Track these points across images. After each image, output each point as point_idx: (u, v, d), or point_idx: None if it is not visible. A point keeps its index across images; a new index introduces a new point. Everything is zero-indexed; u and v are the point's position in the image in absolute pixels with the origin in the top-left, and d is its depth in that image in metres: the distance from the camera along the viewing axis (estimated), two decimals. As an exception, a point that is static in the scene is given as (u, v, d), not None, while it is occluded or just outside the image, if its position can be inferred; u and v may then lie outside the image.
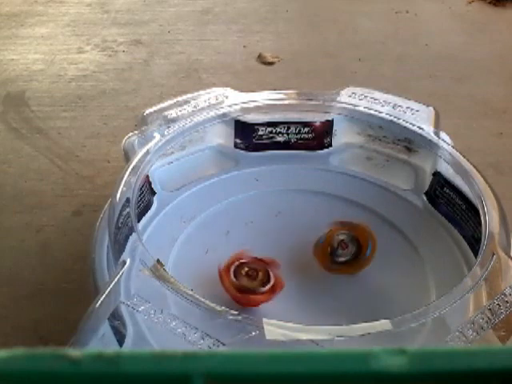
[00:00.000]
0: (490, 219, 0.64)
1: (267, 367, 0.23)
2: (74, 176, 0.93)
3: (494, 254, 0.59)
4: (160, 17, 1.37)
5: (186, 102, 0.78)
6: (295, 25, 1.35)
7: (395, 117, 0.78)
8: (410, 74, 1.19)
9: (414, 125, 0.77)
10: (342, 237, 0.70)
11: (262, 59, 1.22)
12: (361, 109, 0.80)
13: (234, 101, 0.79)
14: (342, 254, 0.70)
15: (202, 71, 1.19)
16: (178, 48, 1.26)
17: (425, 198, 0.78)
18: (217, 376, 0.23)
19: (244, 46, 1.26)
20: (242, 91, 0.83)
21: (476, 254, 0.64)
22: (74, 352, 0.22)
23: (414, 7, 1.41)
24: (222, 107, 0.78)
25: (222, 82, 1.10)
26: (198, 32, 1.32)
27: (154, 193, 0.75)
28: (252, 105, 0.80)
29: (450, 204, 0.75)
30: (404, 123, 0.78)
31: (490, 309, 0.54)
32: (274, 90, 0.86)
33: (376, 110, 0.79)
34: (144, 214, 0.73)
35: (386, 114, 0.79)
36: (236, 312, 0.53)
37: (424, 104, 0.81)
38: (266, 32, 1.32)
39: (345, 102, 0.80)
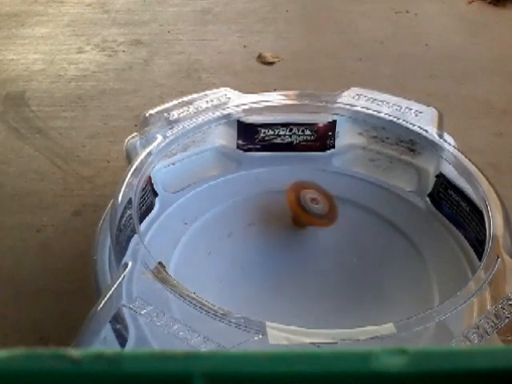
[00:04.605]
0: (494, 222, 0.63)
1: (267, 367, 0.23)
2: (74, 176, 0.93)
3: (498, 257, 0.59)
4: (160, 17, 1.37)
5: (188, 103, 0.78)
6: (295, 25, 1.35)
7: (398, 118, 0.78)
8: (410, 73, 1.19)
9: (417, 126, 0.77)
10: (311, 195, 0.73)
11: (262, 59, 1.22)
12: (364, 110, 0.79)
13: (237, 102, 0.79)
14: (315, 209, 0.73)
15: (202, 71, 1.19)
16: (178, 48, 1.26)
17: (428, 200, 0.77)
18: (217, 376, 0.22)
19: (244, 46, 1.26)
20: (242, 91, 0.82)
21: (480, 256, 0.64)
22: (74, 352, 0.22)
23: (414, 7, 1.41)
24: (224, 108, 0.78)
25: (222, 82, 1.10)
26: (198, 32, 1.32)
27: (156, 194, 0.74)
28: (255, 106, 0.79)
29: (454, 206, 0.74)
30: (407, 125, 0.77)
31: (494, 313, 0.54)
32: (275, 90, 0.86)
33: (379, 112, 0.79)
34: (146, 216, 0.72)
35: (389, 115, 0.78)
36: (239, 315, 0.53)
37: (427, 105, 0.80)
38: (266, 32, 1.31)
39: (348, 104, 0.80)
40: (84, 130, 1.03)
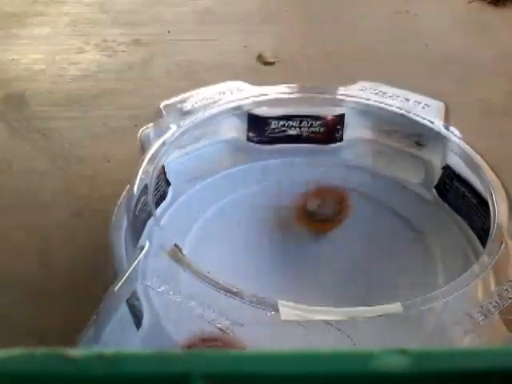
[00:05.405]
0: (499, 210, 0.64)
1: (267, 367, 0.23)
2: (74, 176, 0.93)
3: (502, 243, 0.59)
4: (160, 17, 1.37)
5: (201, 94, 0.78)
6: (295, 25, 1.36)
7: (406, 111, 0.78)
8: (410, 73, 1.19)
9: (424, 119, 0.77)
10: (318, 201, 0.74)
11: (262, 59, 1.22)
12: (372, 103, 0.79)
13: (248, 94, 0.79)
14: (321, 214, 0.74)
15: (203, 71, 1.19)
16: (177, 48, 1.26)
17: (435, 192, 0.78)
18: (217, 376, 0.23)
19: (244, 46, 1.26)
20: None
21: (485, 245, 0.64)
22: (74, 352, 0.22)
23: (414, 7, 1.42)
24: (235, 100, 0.78)
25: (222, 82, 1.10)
26: (198, 32, 1.32)
27: (169, 184, 0.74)
28: (265, 98, 0.79)
29: (460, 197, 0.74)
30: (414, 117, 0.78)
31: (497, 294, 0.55)
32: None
33: (387, 104, 0.79)
34: (159, 205, 0.72)
35: (397, 108, 0.79)
36: (252, 293, 0.53)
37: (434, 98, 0.81)
38: (266, 32, 1.32)
39: (356, 96, 0.80)
40: (84, 130, 1.02)
